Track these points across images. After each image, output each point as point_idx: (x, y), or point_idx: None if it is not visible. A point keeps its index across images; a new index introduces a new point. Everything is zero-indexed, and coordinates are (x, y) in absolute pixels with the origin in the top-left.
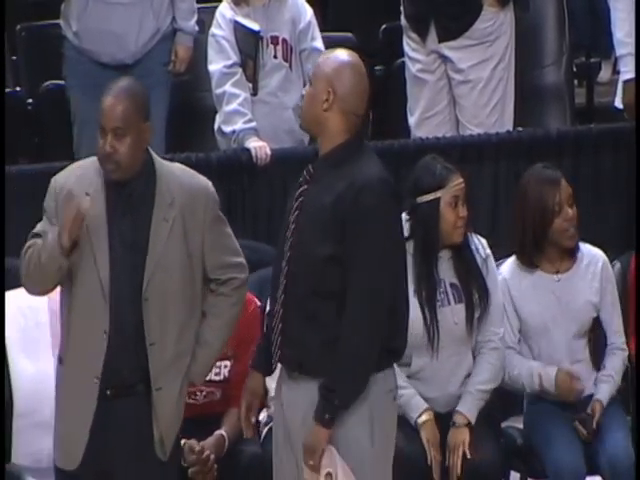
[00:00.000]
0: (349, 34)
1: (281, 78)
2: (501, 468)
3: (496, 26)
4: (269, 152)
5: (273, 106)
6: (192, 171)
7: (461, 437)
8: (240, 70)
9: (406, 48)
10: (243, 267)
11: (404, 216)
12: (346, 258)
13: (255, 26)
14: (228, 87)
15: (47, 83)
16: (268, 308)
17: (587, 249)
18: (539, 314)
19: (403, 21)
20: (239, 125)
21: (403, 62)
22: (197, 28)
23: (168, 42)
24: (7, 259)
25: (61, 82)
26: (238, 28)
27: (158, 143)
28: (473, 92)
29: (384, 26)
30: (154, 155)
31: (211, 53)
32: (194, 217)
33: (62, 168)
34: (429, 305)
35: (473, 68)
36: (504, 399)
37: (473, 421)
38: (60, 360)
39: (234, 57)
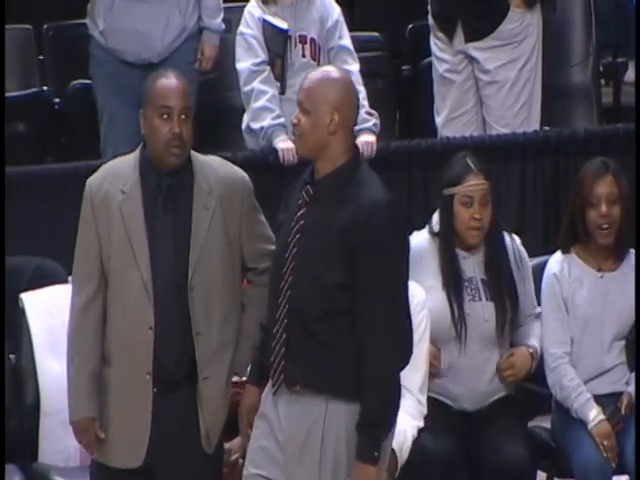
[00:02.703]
0: (376, 34)
1: None
2: (529, 467)
3: (523, 27)
4: (293, 146)
5: None
6: (227, 162)
7: (528, 363)
8: (268, 68)
9: (433, 48)
10: None
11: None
12: (359, 283)
13: (284, 25)
14: (256, 84)
15: (74, 82)
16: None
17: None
18: (583, 308)
19: (430, 21)
20: (267, 121)
21: (430, 62)
22: (223, 26)
23: (194, 41)
24: (33, 258)
25: (88, 81)
26: (266, 27)
27: None
28: (500, 93)
29: (411, 26)
30: None
31: (239, 51)
32: (232, 206)
33: (89, 167)
34: (457, 299)
35: (500, 69)
36: (530, 398)
37: (537, 356)
38: (105, 362)
39: (262, 55)
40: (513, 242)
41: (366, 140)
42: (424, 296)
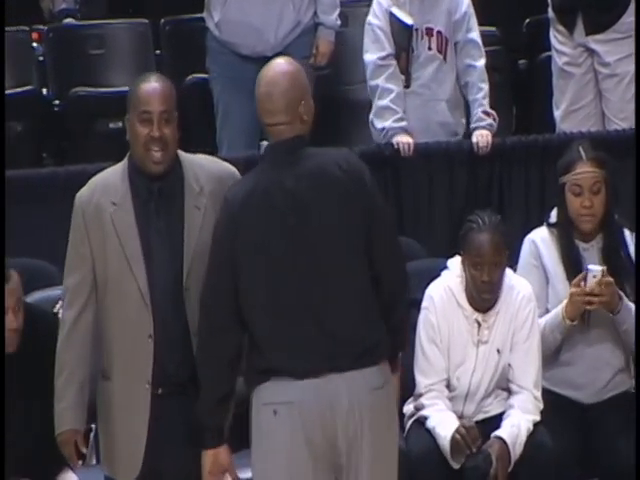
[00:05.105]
0: (493, 29)
1: (434, 70)
2: None
3: None
4: (411, 141)
5: (426, 98)
6: (217, 159)
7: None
8: (394, 62)
9: (553, 41)
10: None
11: None
12: None
13: (409, 20)
14: (381, 81)
15: (190, 77)
16: None
17: None
18: None
19: (550, 14)
20: (389, 123)
21: (547, 56)
22: (339, 22)
23: (309, 36)
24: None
25: (204, 76)
26: (393, 20)
27: None
28: (619, 86)
29: (528, 20)
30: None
31: (367, 42)
32: None
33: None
34: None
35: (620, 62)
36: None
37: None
38: (104, 376)
39: (388, 48)
40: (633, 239)
41: (481, 132)
42: (529, 290)
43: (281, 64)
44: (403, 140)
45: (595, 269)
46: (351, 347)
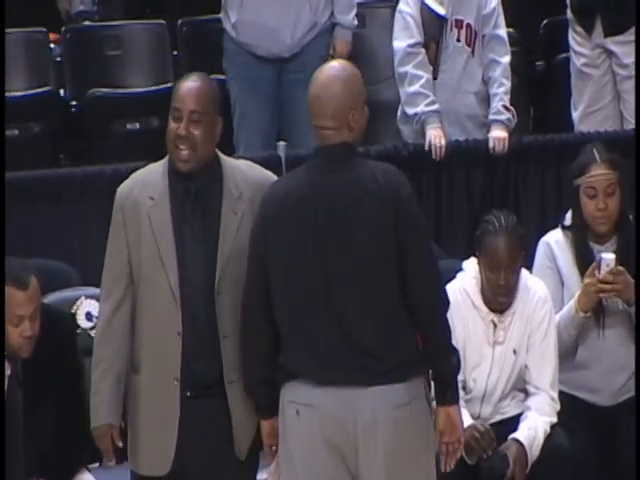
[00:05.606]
0: (510, 30)
1: (462, 62)
2: None
3: None
4: (443, 143)
5: (454, 90)
6: (256, 165)
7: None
8: (423, 51)
9: (571, 42)
10: None
11: None
12: None
13: (441, 10)
14: (410, 68)
15: None
16: None
17: None
18: None
19: (569, 15)
20: (421, 107)
21: (564, 57)
22: (356, 22)
23: (327, 36)
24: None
25: (222, 77)
26: (425, 10)
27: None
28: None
29: (545, 21)
30: (219, 152)
31: (396, 29)
32: None
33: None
34: None
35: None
36: None
37: None
38: (134, 369)
39: (418, 36)
40: None
41: (497, 136)
42: (545, 291)
43: (334, 67)
44: (436, 142)
45: (608, 257)
46: (377, 363)
